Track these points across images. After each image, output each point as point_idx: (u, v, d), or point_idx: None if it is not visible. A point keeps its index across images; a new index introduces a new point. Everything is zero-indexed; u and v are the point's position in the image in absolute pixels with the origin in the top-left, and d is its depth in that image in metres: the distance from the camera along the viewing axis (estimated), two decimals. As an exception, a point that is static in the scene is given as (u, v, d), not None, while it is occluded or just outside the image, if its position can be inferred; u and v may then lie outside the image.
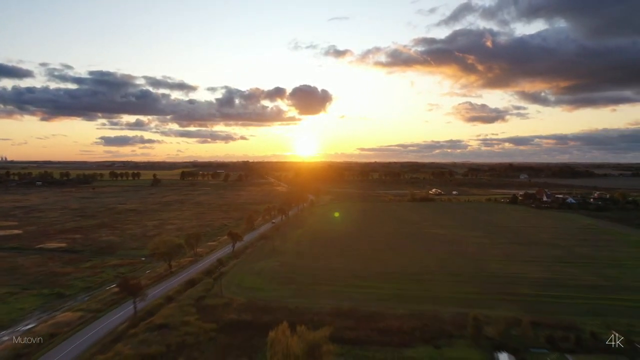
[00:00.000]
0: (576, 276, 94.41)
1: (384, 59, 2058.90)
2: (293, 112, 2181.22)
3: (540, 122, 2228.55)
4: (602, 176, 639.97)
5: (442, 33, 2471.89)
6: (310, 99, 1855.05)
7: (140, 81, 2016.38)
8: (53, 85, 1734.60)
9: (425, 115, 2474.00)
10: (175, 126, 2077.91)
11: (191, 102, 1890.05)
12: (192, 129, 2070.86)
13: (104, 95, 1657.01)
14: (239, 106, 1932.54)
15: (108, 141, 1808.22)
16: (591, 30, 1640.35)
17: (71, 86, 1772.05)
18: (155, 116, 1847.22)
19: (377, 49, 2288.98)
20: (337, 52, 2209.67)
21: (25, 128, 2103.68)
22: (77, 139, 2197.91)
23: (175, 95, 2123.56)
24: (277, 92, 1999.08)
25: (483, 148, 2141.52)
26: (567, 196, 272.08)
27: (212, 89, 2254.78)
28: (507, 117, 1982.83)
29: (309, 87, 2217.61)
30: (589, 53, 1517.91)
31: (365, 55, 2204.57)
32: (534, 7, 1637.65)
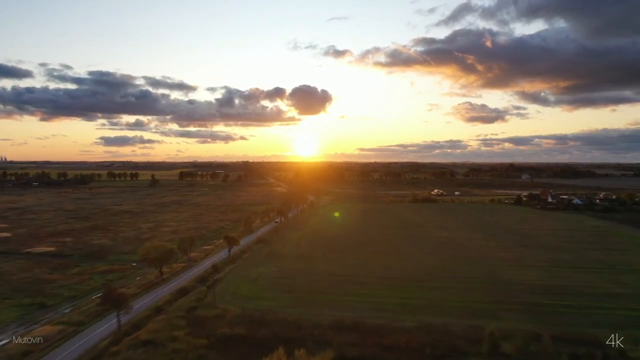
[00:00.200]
0: (592, 283, 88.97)
1: (383, 59, 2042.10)
2: (293, 112, 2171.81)
3: (540, 122, 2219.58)
4: (604, 176, 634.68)
5: (441, 33, 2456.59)
6: (310, 99, 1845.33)
7: (140, 81, 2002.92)
8: (52, 85, 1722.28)
9: (425, 115, 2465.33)
10: (175, 126, 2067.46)
11: (191, 102, 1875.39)
12: (191, 129, 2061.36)
13: (103, 96, 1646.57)
14: (238, 106, 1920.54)
15: (108, 141, 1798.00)
16: (591, 30, 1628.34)
17: (71, 86, 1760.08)
18: (155, 116, 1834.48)
19: (377, 49, 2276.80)
20: (337, 52, 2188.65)
21: (25, 128, 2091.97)
22: (76, 139, 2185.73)
23: (175, 95, 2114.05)
24: (277, 92, 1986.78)
25: (483, 148, 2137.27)
26: (573, 197, 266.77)
27: (211, 89, 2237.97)
28: (507, 117, 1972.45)
29: (308, 87, 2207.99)
30: (588, 53, 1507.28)
31: (364, 56, 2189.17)
32: (534, 7, 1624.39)
